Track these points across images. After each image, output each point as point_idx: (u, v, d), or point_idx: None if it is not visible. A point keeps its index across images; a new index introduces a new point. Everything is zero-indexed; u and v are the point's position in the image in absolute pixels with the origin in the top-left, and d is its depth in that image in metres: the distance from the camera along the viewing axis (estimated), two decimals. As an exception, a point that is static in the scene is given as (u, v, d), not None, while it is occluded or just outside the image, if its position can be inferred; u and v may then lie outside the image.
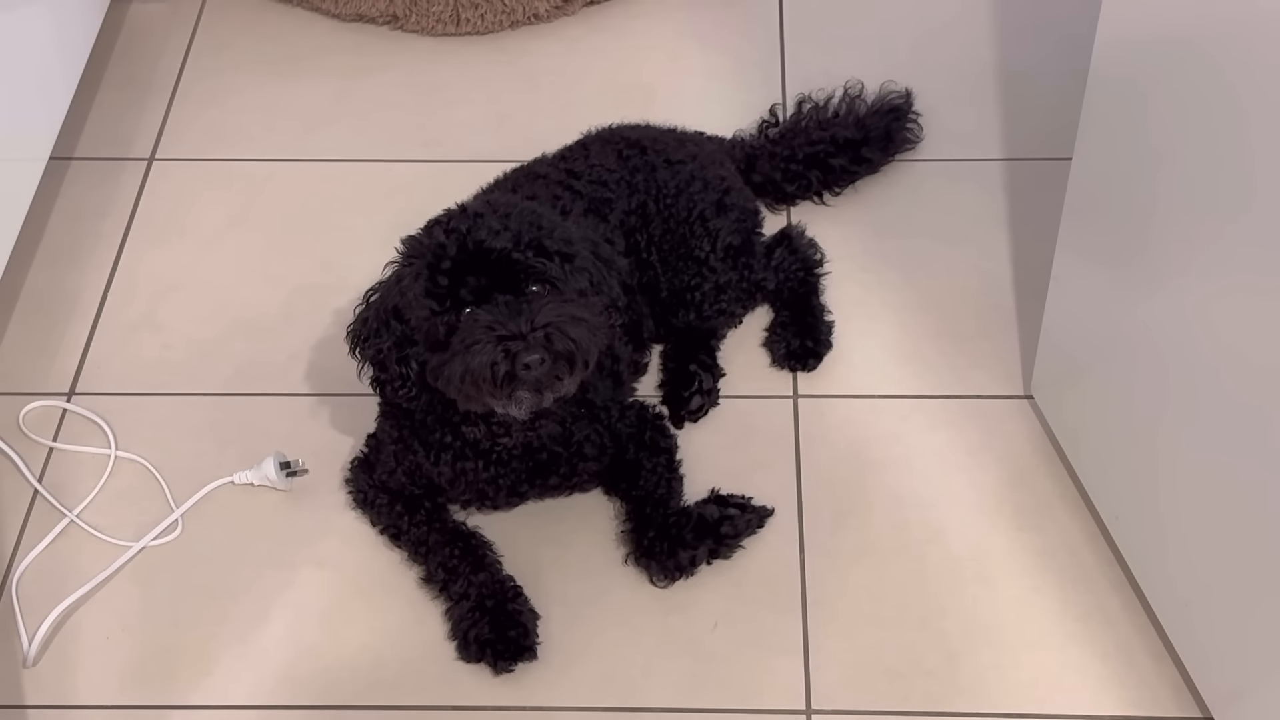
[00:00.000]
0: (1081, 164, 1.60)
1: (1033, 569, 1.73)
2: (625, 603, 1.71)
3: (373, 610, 1.72)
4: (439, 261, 1.51)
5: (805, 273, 1.97)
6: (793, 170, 2.06)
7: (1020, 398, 1.89)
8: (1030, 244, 2.04)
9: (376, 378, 1.60)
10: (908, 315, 1.99)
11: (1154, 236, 1.48)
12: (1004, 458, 1.83)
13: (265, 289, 2.05)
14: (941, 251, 2.05)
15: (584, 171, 1.84)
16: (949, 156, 2.17)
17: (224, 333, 2.00)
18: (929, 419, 1.88)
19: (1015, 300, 1.99)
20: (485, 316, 1.49)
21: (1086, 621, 1.68)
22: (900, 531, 1.77)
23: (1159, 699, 1.62)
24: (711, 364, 1.90)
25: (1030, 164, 2.15)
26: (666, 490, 1.75)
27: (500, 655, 1.64)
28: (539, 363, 1.48)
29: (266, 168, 2.22)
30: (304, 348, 1.98)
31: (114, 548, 1.78)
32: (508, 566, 1.72)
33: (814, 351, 1.92)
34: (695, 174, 1.88)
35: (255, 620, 1.72)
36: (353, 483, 1.80)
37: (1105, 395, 1.67)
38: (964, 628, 1.68)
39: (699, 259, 1.86)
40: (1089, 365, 1.70)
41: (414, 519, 1.73)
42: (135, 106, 2.30)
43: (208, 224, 2.15)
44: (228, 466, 1.84)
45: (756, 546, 1.75)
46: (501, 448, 1.66)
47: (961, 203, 2.11)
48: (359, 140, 2.24)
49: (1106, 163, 1.55)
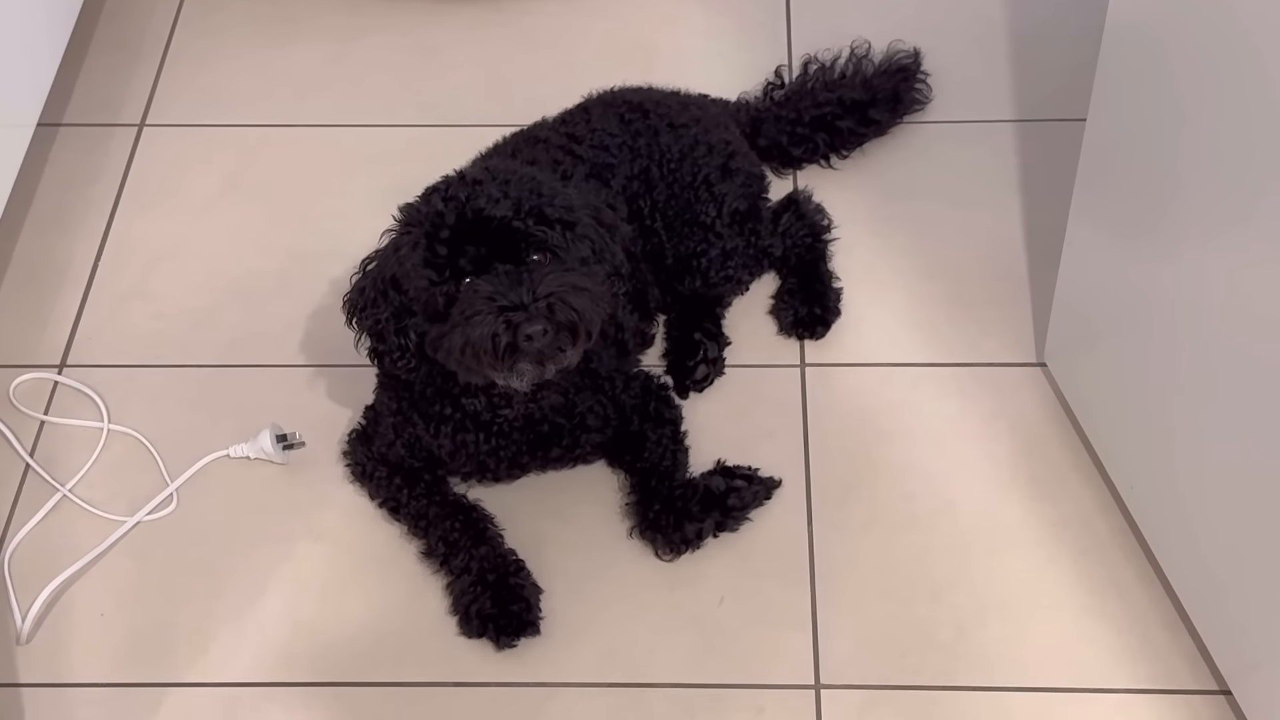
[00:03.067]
0: (1097, 123, 1.57)
1: (1046, 540, 1.73)
2: (630, 577, 1.71)
3: (372, 585, 1.73)
4: (437, 230, 1.51)
5: (813, 238, 1.97)
6: (799, 133, 2.06)
7: (1033, 365, 1.89)
8: (1043, 208, 2.03)
9: (374, 349, 1.61)
10: (917, 281, 1.98)
11: (1175, 200, 1.46)
12: (1016, 427, 1.83)
13: (260, 257, 2.05)
14: (952, 216, 2.04)
15: (585, 136, 1.84)
16: (959, 118, 2.16)
17: (218, 302, 2.00)
18: (939, 387, 1.88)
19: (1028, 266, 1.98)
20: (485, 287, 1.49)
21: (1100, 593, 1.68)
22: (910, 503, 1.78)
23: (1174, 672, 1.63)
24: (717, 332, 1.91)
25: (1043, 125, 2.14)
26: (672, 462, 1.75)
27: (502, 630, 1.65)
28: (541, 333, 1.48)
29: (260, 133, 2.21)
30: (300, 317, 1.97)
31: (108, 523, 1.79)
32: (510, 540, 1.72)
33: (822, 319, 1.92)
34: (699, 138, 1.88)
35: (252, 596, 1.72)
36: (351, 455, 1.80)
37: (1120, 363, 1.67)
38: (975, 601, 1.69)
39: (704, 225, 1.86)
40: (1104, 332, 1.70)
41: (413, 492, 1.73)
42: (125, 71, 2.29)
43: (200, 191, 2.14)
44: (223, 439, 1.85)
45: (763, 519, 1.75)
46: (503, 419, 1.67)
47: (972, 166, 2.10)
48: (354, 104, 2.24)
49: (1123, 122, 1.52)
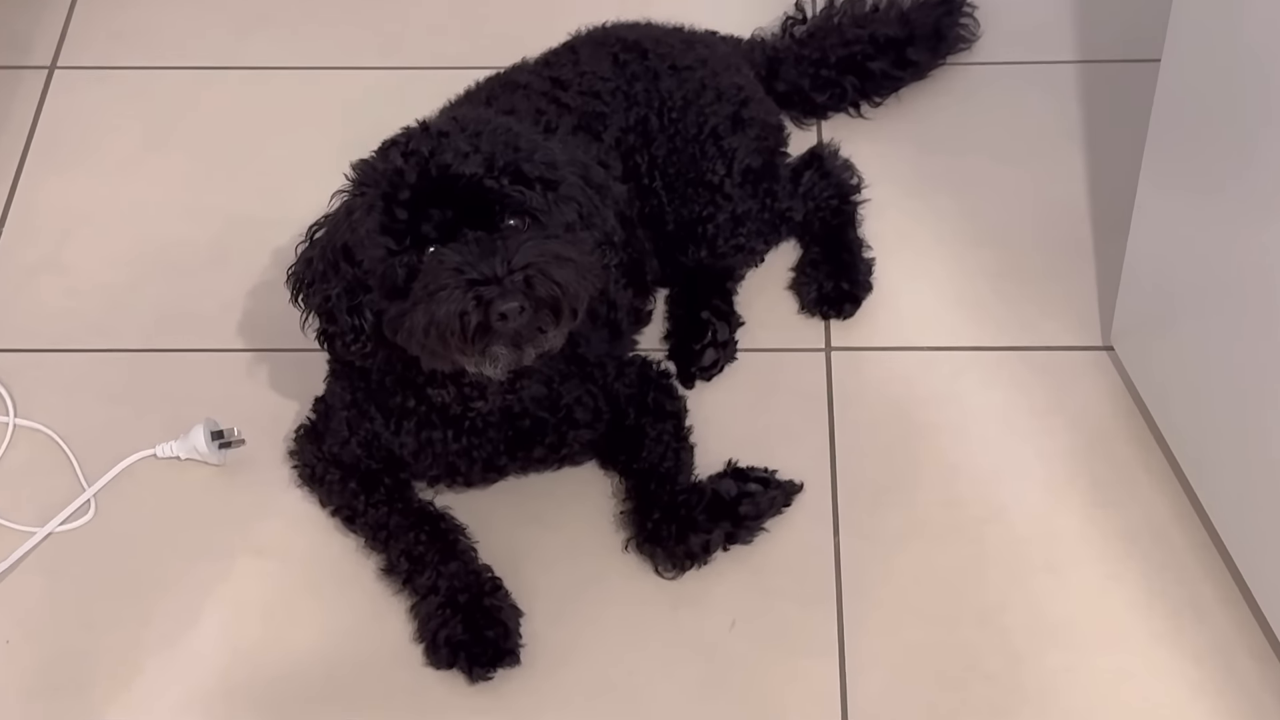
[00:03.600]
0: (1172, 65, 1.56)
1: (1112, 554, 1.71)
2: (625, 596, 1.70)
3: (323, 607, 1.71)
4: (396, 191, 1.49)
5: (839, 200, 1.95)
6: (824, 77, 2.04)
7: (1097, 349, 1.87)
8: (1109, 164, 2.01)
9: (324, 330, 1.58)
10: (962, 250, 1.97)
11: (1263, 153, 1.43)
12: (1078, 421, 1.81)
13: (192, 223, 2.03)
14: (1003, 173, 2.03)
15: (572, 80, 1.82)
16: (1011, 59, 2.16)
17: (143, 276, 1.98)
18: (988, 375, 1.86)
19: (1092, 232, 1.97)
20: (452, 257, 1.46)
21: (1176, 617, 1.66)
22: (953, 510, 1.76)
23: (1263, 708, 1.59)
24: (727, 311, 1.89)
25: (1109, 67, 2.13)
26: (674, 463, 1.73)
27: (476, 660, 1.63)
28: (517, 312, 1.45)
29: (192, 77, 2.20)
30: (238, 294, 1.95)
31: (14, 534, 1.77)
32: (485, 554, 1.71)
33: (850, 295, 1.90)
34: (706, 82, 1.85)
35: (183, 621, 1.70)
36: (298, 455, 1.79)
37: (1202, 346, 1.64)
38: (1030, 624, 1.67)
39: (712, 185, 1.83)
40: (1181, 310, 1.68)
41: (371, 498, 1.72)
42: (32, 4, 2.28)
43: (122, 145, 2.12)
44: (149, 437, 1.82)
45: (782, 529, 1.73)
46: (475, 413, 1.65)
47: (1027, 115, 2.09)
48: (303, 44, 2.23)
49: (1204, 63, 1.51)
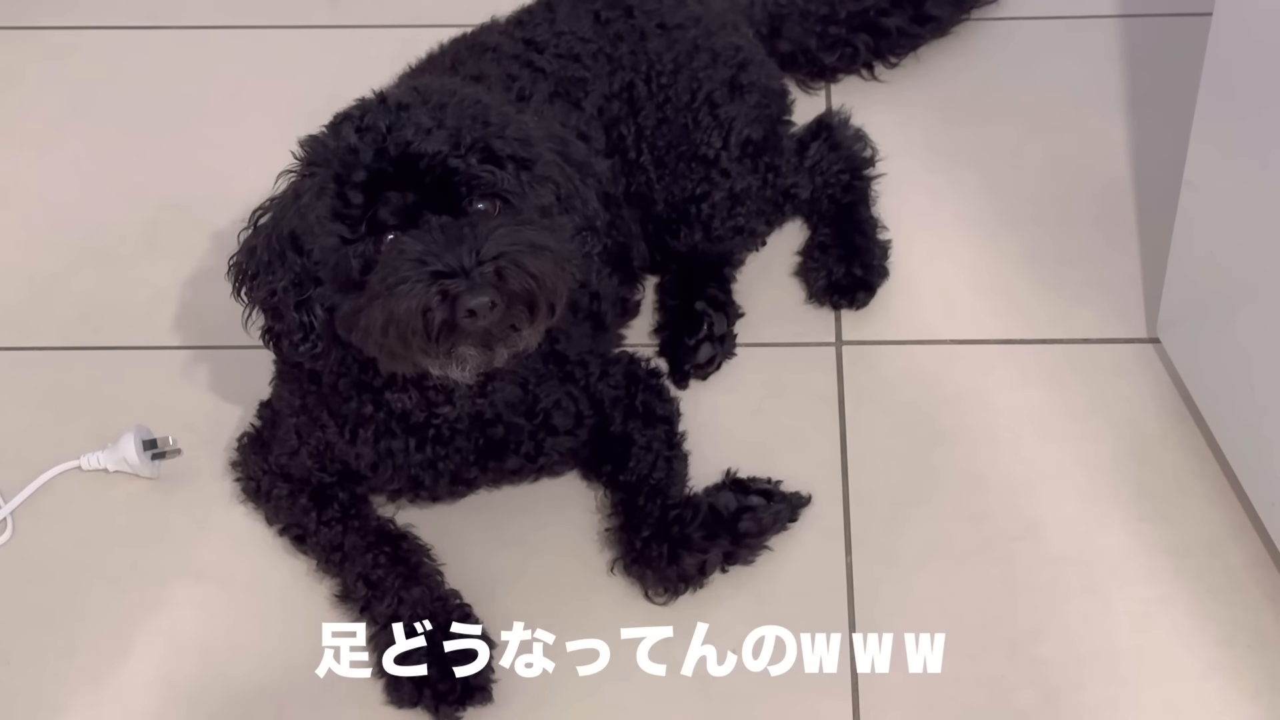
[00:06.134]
0: (1226, 19, 1.58)
1: (1160, 574, 1.73)
2: (612, 624, 1.71)
3: (271, 638, 1.72)
4: (349, 172, 1.49)
5: (851, 175, 1.98)
6: (833, 35, 2.09)
7: (1143, 342, 1.90)
8: (1155, 133, 2.05)
9: (269, 328, 1.60)
10: (989, 232, 1.99)
11: None
12: (1120, 423, 1.84)
13: (120, 204, 2.06)
14: (1034, 144, 2.06)
15: (549, 42, 1.84)
16: (1043, 13, 2.17)
17: (65, 264, 2.01)
18: (1018, 372, 1.88)
19: (1136, 210, 1.99)
20: (414, 246, 1.47)
21: (1232, 644, 1.68)
22: (980, 525, 1.78)
23: None
24: (725, 301, 1.91)
25: (1154, 22, 2.16)
26: (665, 473, 1.75)
27: (443, 698, 1.65)
28: (488, 308, 1.46)
29: (119, 38, 2.22)
30: (173, 284, 1.97)
31: None
32: (452, 578, 1.73)
33: (864, 282, 1.93)
34: (699, 43, 1.87)
35: (113, 653, 1.72)
36: (242, 467, 1.81)
37: (1258, 337, 1.66)
38: (1067, 654, 1.69)
39: (707, 159, 1.86)
40: (1236, 296, 1.70)
41: (324, 516, 1.74)
42: None
43: (39, 115, 2.16)
44: (72, 446, 1.85)
45: (787, 547, 1.75)
46: (440, 420, 1.67)
47: (1061, 77, 2.13)
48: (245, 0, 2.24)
49: (1262, 16, 1.51)
